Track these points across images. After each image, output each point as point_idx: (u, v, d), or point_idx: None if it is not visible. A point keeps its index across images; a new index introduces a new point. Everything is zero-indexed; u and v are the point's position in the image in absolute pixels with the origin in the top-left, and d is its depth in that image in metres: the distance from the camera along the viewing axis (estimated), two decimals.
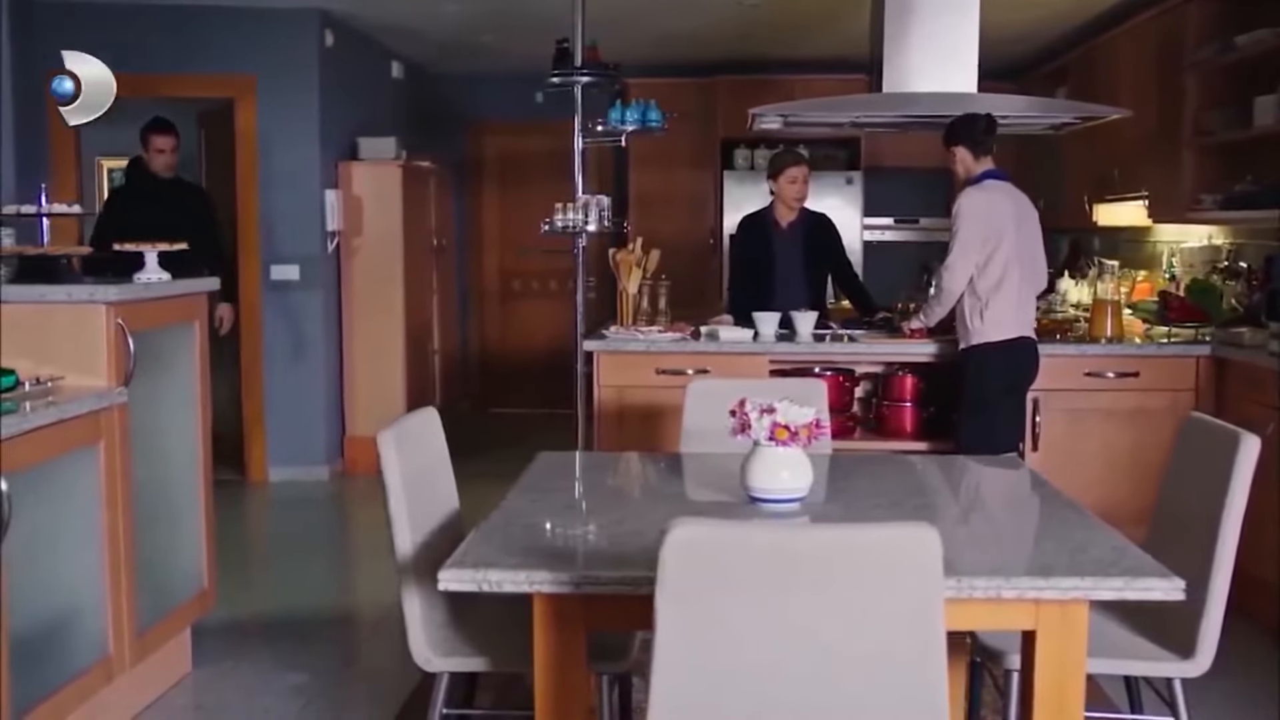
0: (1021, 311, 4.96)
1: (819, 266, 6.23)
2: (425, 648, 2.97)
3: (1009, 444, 4.87)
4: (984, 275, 4.89)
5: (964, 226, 4.90)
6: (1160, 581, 2.42)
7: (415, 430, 3.23)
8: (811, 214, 6.44)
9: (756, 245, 6.44)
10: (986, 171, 5.04)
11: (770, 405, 2.95)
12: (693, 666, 2.09)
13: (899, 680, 2.09)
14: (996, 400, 4.91)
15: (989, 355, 4.89)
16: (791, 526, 2.26)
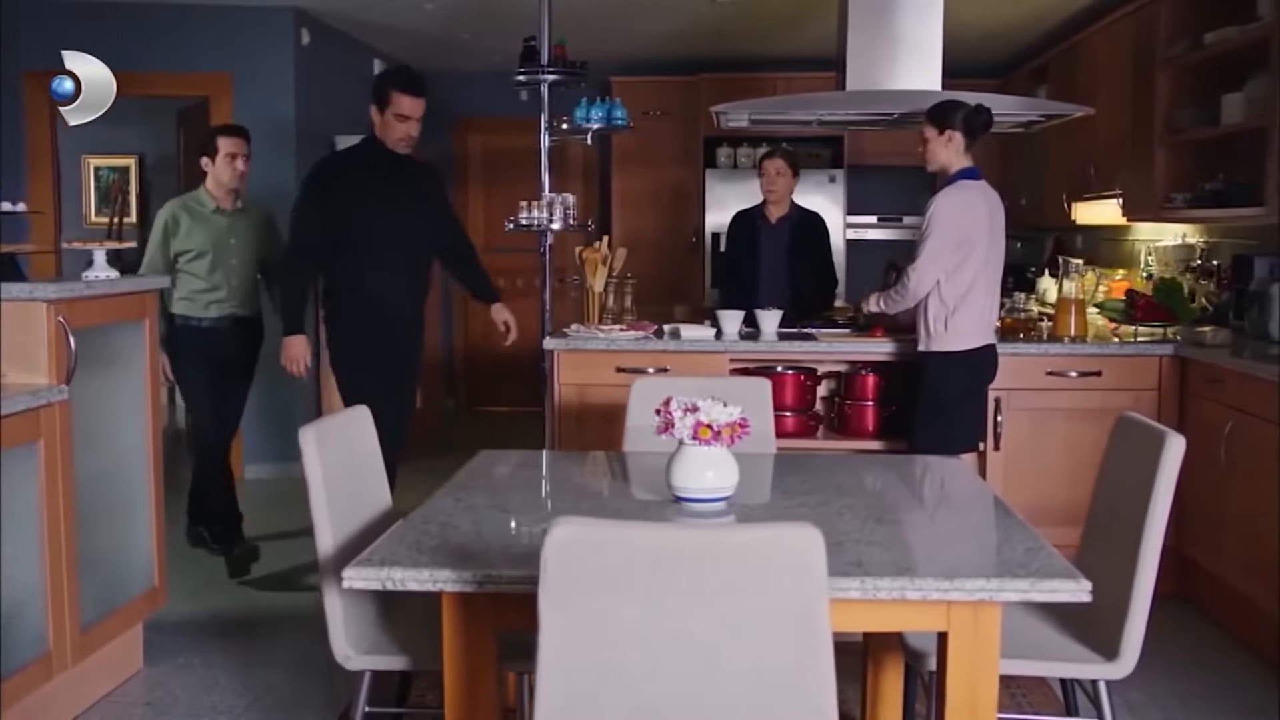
0: (987, 318, 4.85)
1: (804, 263, 6.21)
2: (345, 645, 2.96)
3: (966, 445, 4.83)
4: (953, 282, 4.71)
5: (938, 230, 4.68)
6: (1066, 583, 2.39)
7: (341, 428, 3.22)
8: (804, 212, 6.46)
9: (743, 240, 6.48)
10: (967, 169, 4.81)
11: (694, 404, 2.93)
12: (576, 666, 2.08)
13: (784, 683, 2.08)
14: (954, 404, 4.84)
15: (951, 362, 4.79)
16: (670, 527, 2.24)
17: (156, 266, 5.57)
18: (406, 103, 5.07)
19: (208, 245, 5.64)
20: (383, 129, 5.11)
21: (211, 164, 5.67)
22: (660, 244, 9.60)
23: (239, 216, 5.80)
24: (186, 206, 5.67)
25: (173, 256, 5.60)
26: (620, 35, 8.64)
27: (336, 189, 5.10)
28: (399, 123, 5.08)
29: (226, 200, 5.72)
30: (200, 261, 5.62)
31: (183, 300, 5.65)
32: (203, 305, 5.67)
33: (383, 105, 5.08)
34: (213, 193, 5.70)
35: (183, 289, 5.63)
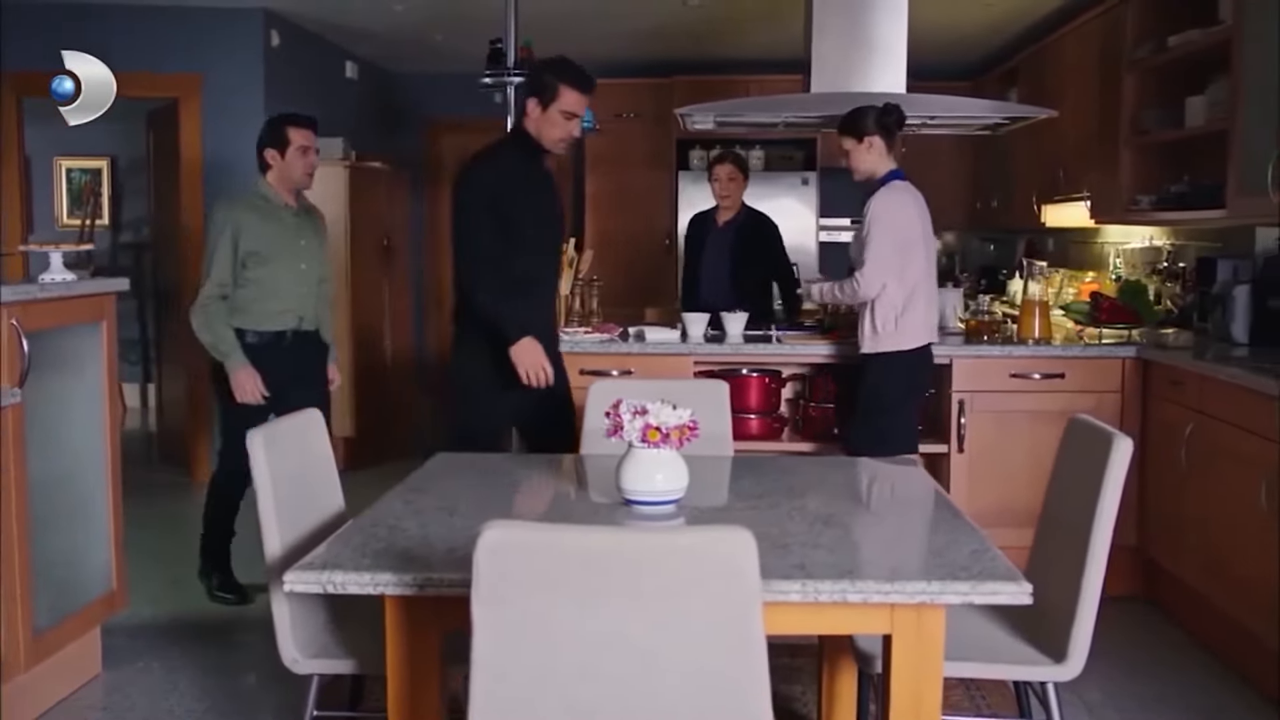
0: (930, 318, 4.88)
1: (751, 267, 6.23)
2: (292, 649, 2.95)
3: (905, 448, 4.78)
4: (902, 281, 4.74)
5: (881, 231, 4.72)
6: (1007, 585, 2.39)
7: (291, 432, 3.21)
8: (752, 214, 6.45)
9: (693, 243, 6.50)
10: (894, 170, 4.85)
11: (643, 407, 2.93)
12: (509, 669, 2.07)
13: (719, 686, 2.07)
14: (898, 405, 4.85)
15: (898, 362, 4.80)
16: (601, 530, 2.23)
17: (224, 275, 5.00)
18: (576, 99, 4.49)
19: (278, 248, 5.09)
20: (541, 125, 4.47)
21: (280, 157, 5.11)
22: (633, 246, 9.61)
23: (304, 216, 5.28)
24: (251, 205, 5.10)
25: (240, 262, 5.03)
26: (593, 38, 8.64)
27: (500, 191, 4.49)
28: (565, 120, 4.47)
29: (290, 197, 5.21)
30: (270, 267, 5.06)
31: (250, 312, 5.09)
32: (271, 315, 5.12)
33: (547, 99, 4.43)
34: (277, 189, 5.16)
35: (248, 298, 5.07)
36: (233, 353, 5.00)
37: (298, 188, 5.20)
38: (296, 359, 5.20)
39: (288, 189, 5.17)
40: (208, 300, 5.01)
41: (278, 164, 5.13)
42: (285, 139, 5.09)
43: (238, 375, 5.01)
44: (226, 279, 5.01)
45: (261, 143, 5.15)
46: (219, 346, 5.01)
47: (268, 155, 5.14)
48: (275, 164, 5.13)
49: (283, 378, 5.09)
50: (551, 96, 4.44)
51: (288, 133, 5.10)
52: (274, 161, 5.13)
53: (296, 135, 5.10)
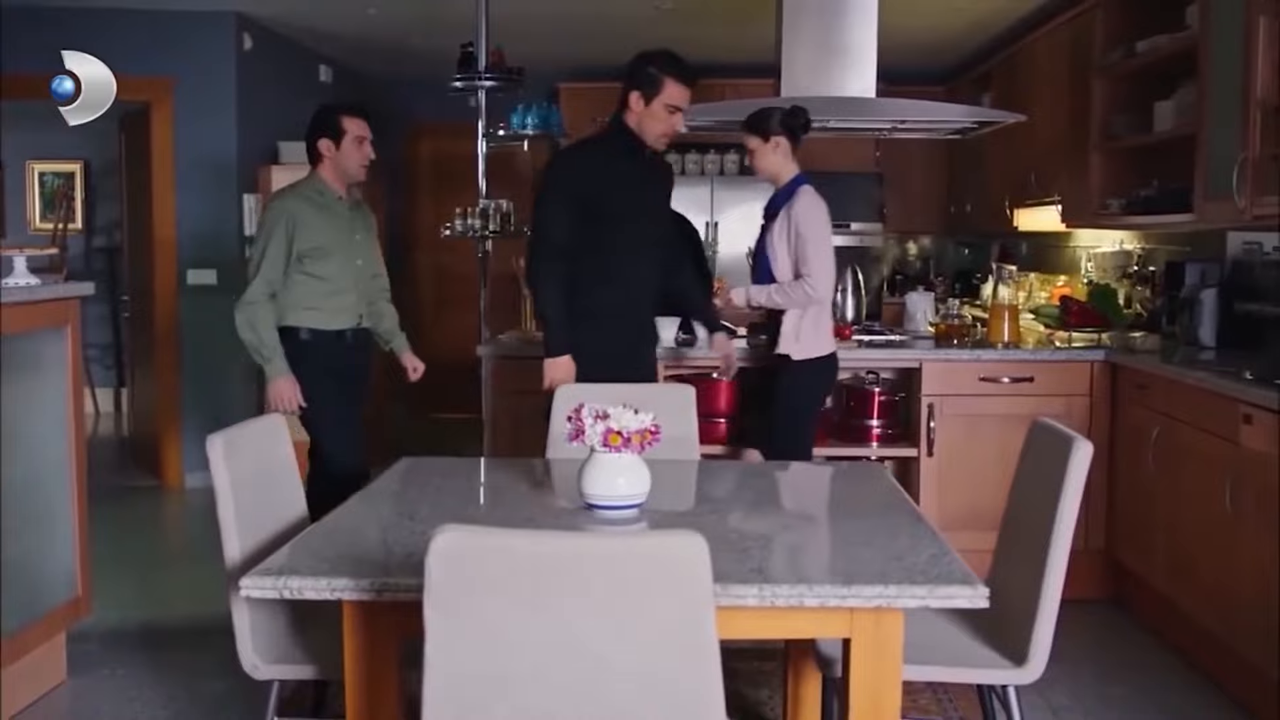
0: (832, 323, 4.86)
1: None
2: (252, 655, 2.95)
3: (810, 454, 4.72)
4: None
5: (817, 235, 4.65)
6: (964, 589, 2.39)
7: (252, 437, 3.20)
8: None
9: None
10: (801, 175, 4.81)
11: (605, 411, 2.93)
12: (462, 674, 2.06)
13: (672, 690, 2.07)
14: (815, 409, 4.80)
15: (820, 367, 4.72)
16: (553, 534, 2.23)
17: (276, 273, 4.70)
18: (680, 92, 4.37)
19: (335, 243, 4.82)
20: (643, 119, 4.34)
21: (334, 148, 4.79)
22: None
23: (356, 210, 5.02)
24: (306, 198, 4.79)
25: (296, 258, 4.73)
26: (567, 42, 8.65)
27: (590, 185, 4.35)
28: (668, 115, 4.35)
29: (344, 190, 4.93)
30: (327, 262, 4.78)
31: (308, 310, 4.78)
32: (331, 314, 4.83)
33: (650, 92, 4.32)
34: (329, 182, 4.86)
35: (306, 296, 4.77)
36: (275, 358, 4.68)
37: (352, 180, 4.93)
38: (355, 359, 4.99)
39: (341, 181, 4.89)
40: (256, 298, 4.67)
41: (332, 155, 4.81)
42: (340, 128, 4.79)
43: (279, 383, 4.69)
44: (278, 277, 4.70)
45: (314, 133, 4.84)
46: (261, 350, 4.67)
47: (321, 146, 4.81)
48: (329, 155, 4.81)
49: (345, 377, 4.89)
50: (655, 90, 4.32)
51: (342, 122, 4.80)
52: (328, 153, 4.81)
53: (351, 124, 4.80)
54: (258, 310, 4.67)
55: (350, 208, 4.94)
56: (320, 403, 4.79)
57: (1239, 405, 4.05)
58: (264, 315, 4.67)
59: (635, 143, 4.40)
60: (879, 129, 6.15)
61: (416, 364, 5.22)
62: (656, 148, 4.47)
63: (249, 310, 4.67)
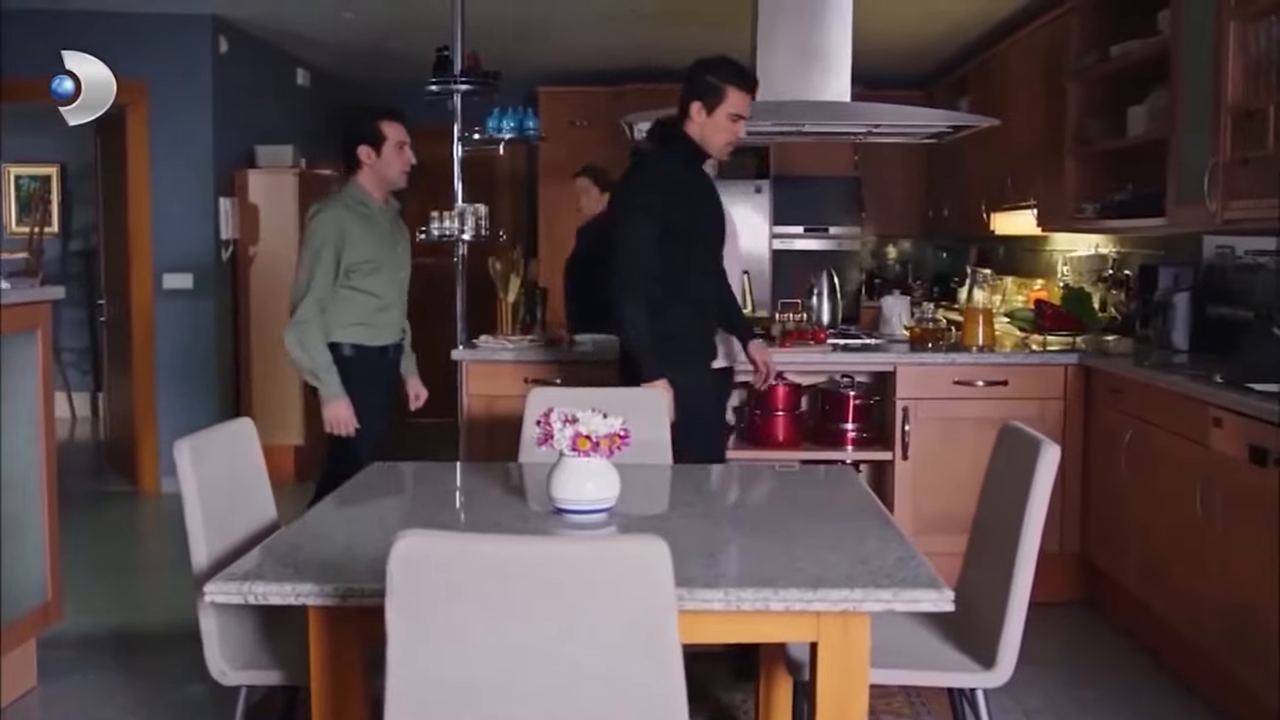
0: None
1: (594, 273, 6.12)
2: (220, 660, 2.94)
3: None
4: None
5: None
6: (929, 593, 2.40)
7: (221, 441, 3.19)
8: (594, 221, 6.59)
9: None
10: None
11: (573, 415, 2.93)
12: (424, 679, 2.06)
13: (636, 695, 2.07)
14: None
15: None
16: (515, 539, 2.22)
17: (326, 289, 4.53)
18: (742, 100, 4.27)
19: (381, 256, 4.67)
20: (706, 130, 4.27)
21: (375, 155, 4.63)
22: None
23: (396, 220, 4.84)
24: (349, 209, 4.61)
25: (343, 272, 4.57)
26: (546, 46, 8.65)
27: (670, 201, 4.20)
28: (731, 124, 4.27)
29: (384, 199, 4.75)
30: (376, 277, 4.63)
31: (355, 326, 4.63)
32: (378, 330, 4.69)
33: (713, 102, 4.23)
34: (370, 190, 4.69)
35: (353, 312, 4.62)
36: (330, 379, 4.53)
37: (394, 187, 4.75)
38: (395, 374, 4.89)
39: (382, 189, 4.72)
40: (307, 317, 4.50)
41: (372, 162, 4.64)
42: (380, 134, 4.62)
43: (335, 405, 4.57)
44: (328, 293, 4.54)
45: (352, 140, 4.65)
46: (317, 373, 4.52)
47: (361, 153, 4.63)
48: (369, 162, 4.64)
49: (386, 394, 4.76)
50: (718, 99, 4.23)
51: (381, 127, 4.63)
52: (368, 160, 4.64)
53: (391, 129, 4.64)
54: (308, 329, 4.50)
55: (391, 218, 4.79)
56: (362, 421, 4.64)
57: (1209, 409, 4.07)
58: (315, 334, 4.51)
59: (700, 154, 4.34)
60: (854, 133, 6.15)
61: (420, 391, 5.06)
62: (720, 158, 4.43)
63: (300, 330, 4.50)
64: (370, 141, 4.62)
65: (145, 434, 7.61)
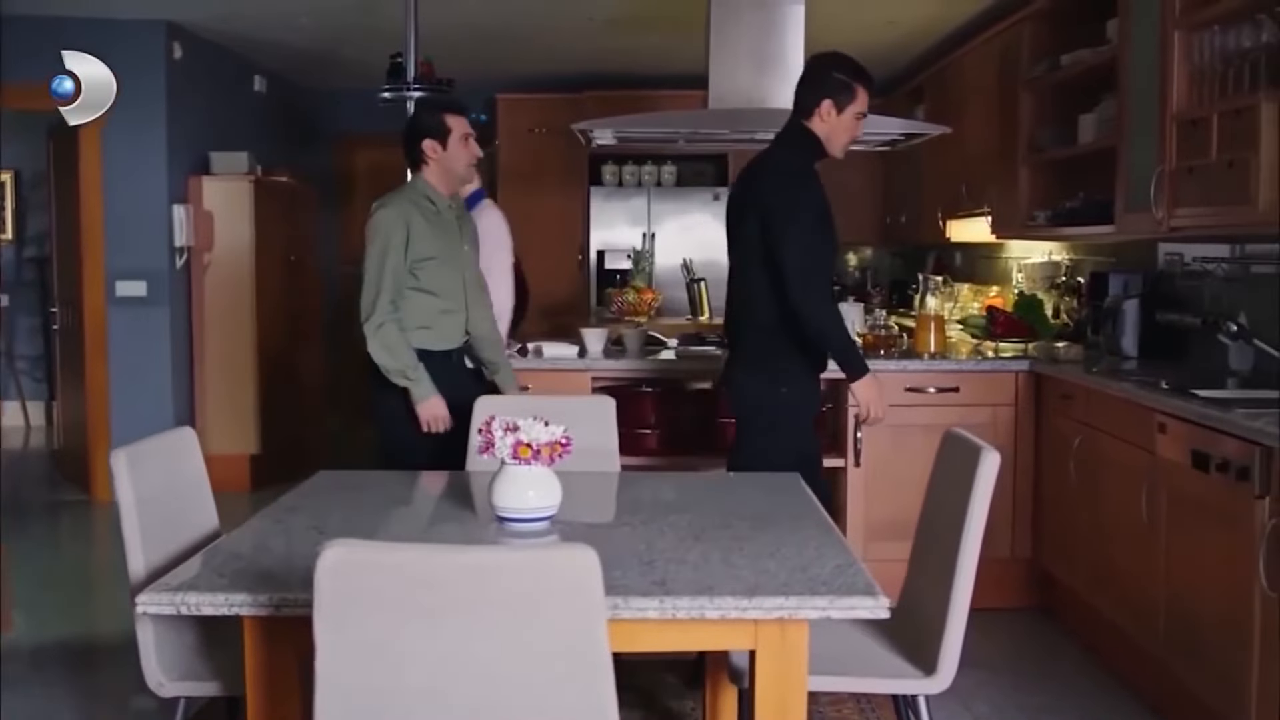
0: None
1: None
2: (157, 672, 2.91)
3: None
4: None
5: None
6: (865, 600, 2.40)
7: (160, 451, 3.16)
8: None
9: None
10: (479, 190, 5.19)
11: (514, 423, 2.92)
12: (353, 690, 2.04)
13: (565, 704, 2.06)
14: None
15: None
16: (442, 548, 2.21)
17: (400, 285, 4.36)
18: (867, 99, 4.21)
19: (446, 254, 4.46)
20: (834, 129, 4.19)
21: (441, 148, 4.45)
22: (546, 261, 9.56)
23: (463, 218, 4.64)
24: (415, 204, 4.42)
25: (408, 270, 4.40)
26: (505, 53, 8.64)
27: (825, 204, 4.17)
28: (856, 123, 4.22)
29: (449, 195, 4.58)
30: (440, 276, 4.44)
31: (420, 329, 4.42)
32: (442, 333, 4.49)
33: (844, 100, 4.16)
34: (436, 186, 4.51)
35: (418, 313, 4.43)
36: (421, 378, 4.33)
37: (461, 181, 4.64)
38: (461, 379, 4.58)
39: (448, 185, 4.55)
40: (385, 317, 4.31)
41: (438, 156, 4.46)
42: (445, 127, 4.45)
43: (429, 404, 4.35)
44: (401, 290, 4.37)
45: (416, 135, 4.49)
46: (406, 373, 4.31)
47: (426, 147, 4.46)
48: (435, 157, 4.46)
49: (452, 401, 4.40)
50: (849, 97, 4.16)
51: (446, 120, 4.47)
52: (434, 154, 4.46)
53: (456, 122, 4.48)
54: (389, 330, 4.32)
55: (456, 216, 4.61)
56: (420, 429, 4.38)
57: (1154, 414, 4.10)
58: (396, 334, 4.33)
59: (822, 153, 4.26)
60: None
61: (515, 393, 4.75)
62: (839, 157, 4.32)
63: (381, 332, 4.31)
64: (436, 135, 4.46)
65: (98, 442, 7.54)
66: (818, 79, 4.25)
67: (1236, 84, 4.14)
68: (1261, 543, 3.38)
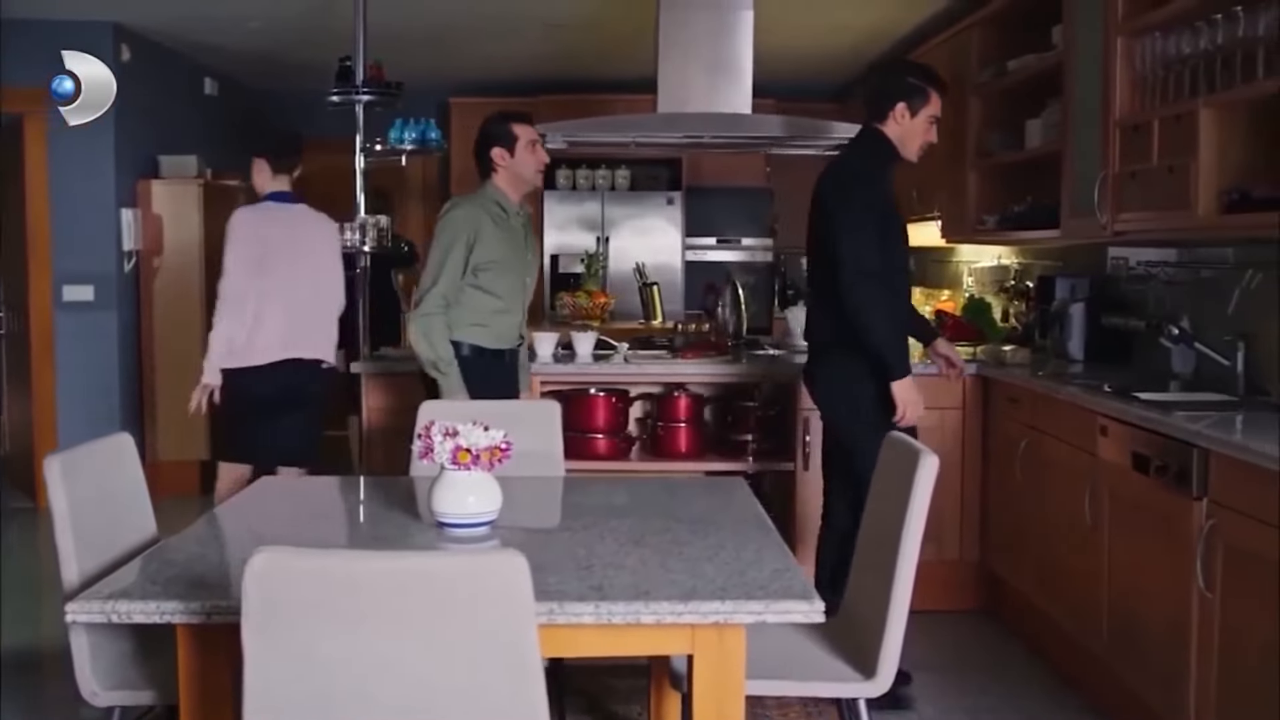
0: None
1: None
2: (91, 681, 2.88)
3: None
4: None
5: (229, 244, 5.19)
6: (801, 604, 2.40)
7: (96, 457, 3.13)
8: None
9: None
10: (275, 194, 5.33)
11: (454, 428, 2.91)
12: (282, 698, 2.03)
13: (496, 710, 2.05)
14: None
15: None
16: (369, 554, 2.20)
17: (455, 284, 4.48)
18: (939, 104, 4.31)
19: (510, 259, 4.62)
20: (907, 131, 4.30)
21: (509, 156, 4.58)
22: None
23: (527, 225, 4.83)
24: (485, 209, 4.57)
25: (470, 270, 4.52)
26: (458, 57, 8.63)
27: (883, 202, 4.29)
28: (929, 127, 4.34)
29: (518, 201, 4.71)
30: (502, 279, 4.58)
31: (475, 326, 4.56)
32: (497, 332, 4.63)
33: (918, 103, 4.28)
34: (506, 192, 4.64)
35: (474, 311, 4.56)
36: (451, 373, 4.46)
37: (529, 186, 4.77)
38: (511, 378, 4.77)
39: (517, 190, 4.69)
40: (434, 310, 4.46)
41: (507, 163, 4.60)
42: (512, 135, 4.59)
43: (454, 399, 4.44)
44: (455, 288, 4.50)
45: (486, 144, 4.63)
46: (439, 365, 4.45)
47: (495, 155, 4.60)
48: (504, 164, 4.60)
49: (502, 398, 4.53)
50: (923, 101, 4.26)
51: (513, 128, 4.61)
52: (503, 161, 4.60)
53: (522, 130, 4.62)
54: (434, 322, 4.46)
55: (523, 223, 4.76)
56: None
57: (1097, 417, 4.13)
58: (440, 328, 4.47)
59: (893, 156, 4.34)
60: (754, 144, 6.20)
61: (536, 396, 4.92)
62: (914, 160, 4.40)
63: (424, 322, 4.47)
64: (503, 143, 4.60)
65: (45, 449, 7.44)
66: (892, 83, 4.36)
67: (1177, 89, 4.18)
68: (1199, 544, 3.41)
